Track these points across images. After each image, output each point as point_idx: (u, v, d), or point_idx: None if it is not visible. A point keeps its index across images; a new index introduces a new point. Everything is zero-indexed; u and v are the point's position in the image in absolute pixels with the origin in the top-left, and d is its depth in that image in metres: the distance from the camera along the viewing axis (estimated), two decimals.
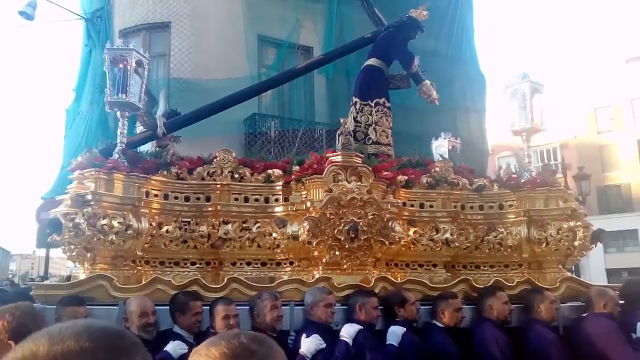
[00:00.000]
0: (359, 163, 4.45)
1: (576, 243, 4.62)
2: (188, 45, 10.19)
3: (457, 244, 4.73)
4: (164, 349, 3.25)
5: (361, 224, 4.16)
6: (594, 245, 4.78)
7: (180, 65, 9.99)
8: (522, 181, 4.90)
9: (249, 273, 4.43)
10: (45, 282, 4.00)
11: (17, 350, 0.79)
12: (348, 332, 3.53)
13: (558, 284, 4.44)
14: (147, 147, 5.68)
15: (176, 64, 10.05)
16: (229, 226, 4.42)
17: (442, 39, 11.04)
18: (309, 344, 3.42)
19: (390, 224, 4.29)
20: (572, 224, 4.65)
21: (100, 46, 10.87)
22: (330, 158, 4.44)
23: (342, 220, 4.16)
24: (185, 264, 4.47)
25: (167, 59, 10.54)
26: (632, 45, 33.81)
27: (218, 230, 4.40)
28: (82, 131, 10.89)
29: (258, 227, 4.45)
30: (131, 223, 4.03)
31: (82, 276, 3.98)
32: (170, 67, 10.39)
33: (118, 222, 3.97)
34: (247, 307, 3.78)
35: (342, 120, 4.65)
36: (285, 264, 4.51)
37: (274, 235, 4.42)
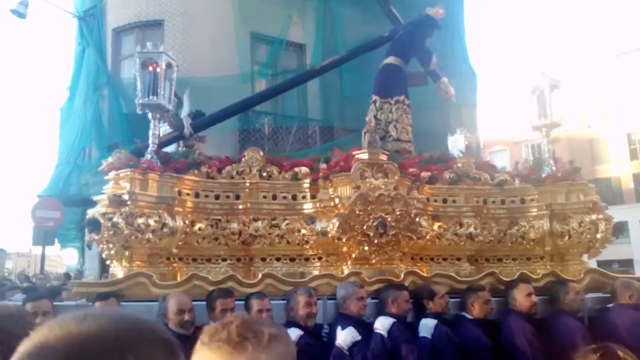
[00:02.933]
0: (385, 160, 4.55)
1: (598, 235, 4.72)
2: (181, 42, 10.12)
3: (480, 238, 4.84)
4: None
5: (389, 219, 4.27)
6: (615, 238, 4.88)
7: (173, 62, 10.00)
8: (543, 175, 5.00)
9: (278, 268, 4.54)
10: (88, 280, 4.11)
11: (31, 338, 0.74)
12: (383, 324, 3.63)
13: (582, 275, 4.54)
14: (172, 148, 5.79)
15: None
16: (259, 223, 4.54)
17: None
18: (345, 336, 3.52)
19: (417, 219, 4.40)
20: (593, 217, 4.75)
21: (93, 44, 11.00)
22: (356, 156, 4.55)
23: (371, 217, 4.27)
24: (217, 260, 4.60)
25: None
26: (622, 39, 34.07)
27: (249, 227, 4.52)
28: (77, 130, 10.91)
29: (287, 224, 4.57)
30: (166, 221, 4.15)
31: (120, 274, 4.10)
32: None
33: (154, 221, 4.09)
34: (280, 302, 3.89)
35: (367, 119, 4.76)
36: (314, 259, 4.63)
37: (303, 231, 4.54)
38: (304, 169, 4.71)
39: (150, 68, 4.55)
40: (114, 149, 10.05)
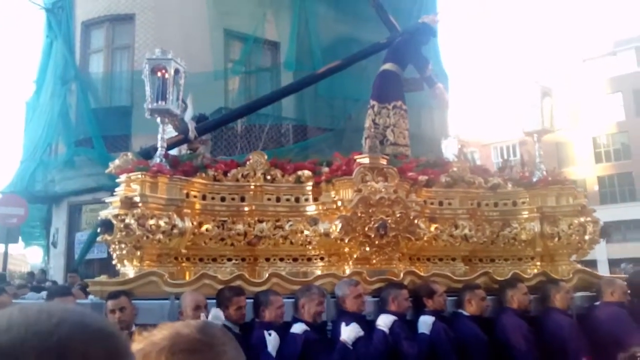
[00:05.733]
0: (385, 165, 4.76)
1: (586, 237, 4.97)
2: (153, 37, 9.99)
3: (474, 239, 5.06)
4: None
5: (389, 221, 4.47)
6: (603, 239, 5.13)
7: (144, 57, 9.81)
8: (534, 180, 5.24)
9: (282, 268, 4.72)
10: (101, 279, 4.26)
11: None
12: (385, 322, 3.83)
13: (571, 275, 4.77)
14: (174, 151, 5.93)
15: (140, 57, 9.35)
16: (264, 224, 4.72)
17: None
18: (349, 331, 3.72)
19: (415, 221, 4.61)
20: (582, 219, 4.99)
21: (61, 37, 10.75)
22: (358, 160, 4.75)
23: (372, 219, 4.47)
24: (223, 260, 4.76)
25: (131, 51, 10.37)
26: (589, 45, 35.18)
27: (254, 228, 4.70)
28: (43, 124, 10.67)
29: (291, 225, 4.76)
30: (176, 223, 4.31)
31: (131, 273, 4.25)
32: (135, 59, 10.08)
33: (164, 222, 4.25)
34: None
35: (366, 125, 4.95)
36: (316, 259, 4.81)
37: (306, 232, 4.72)
38: (307, 173, 4.89)
39: (159, 74, 4.70)
40: (81, 144, 10.00)
